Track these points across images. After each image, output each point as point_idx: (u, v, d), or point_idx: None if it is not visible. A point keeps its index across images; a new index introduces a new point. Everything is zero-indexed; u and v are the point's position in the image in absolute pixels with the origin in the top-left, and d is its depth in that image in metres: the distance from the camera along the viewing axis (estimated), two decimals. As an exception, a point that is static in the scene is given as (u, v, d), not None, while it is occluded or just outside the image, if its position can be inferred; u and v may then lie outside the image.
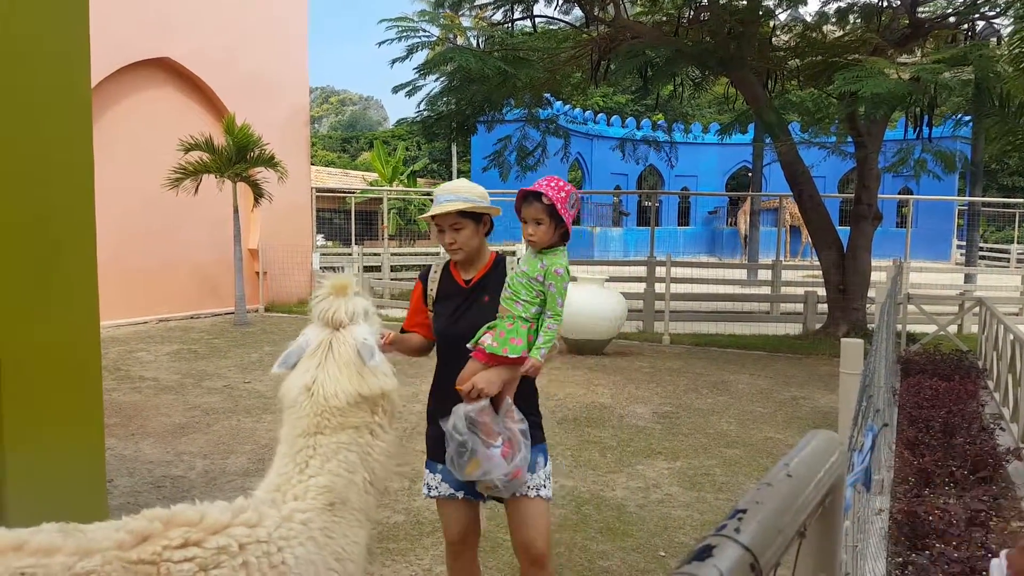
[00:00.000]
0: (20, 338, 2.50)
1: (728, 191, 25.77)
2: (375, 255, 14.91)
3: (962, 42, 8.85)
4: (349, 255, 14.30)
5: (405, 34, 9.47)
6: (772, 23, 9.89)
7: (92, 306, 2.79)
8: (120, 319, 9.88)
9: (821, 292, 10.20)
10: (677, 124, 24.11)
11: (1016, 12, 7.96)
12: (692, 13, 9.53)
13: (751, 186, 19.13)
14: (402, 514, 3.85)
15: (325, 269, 11.39)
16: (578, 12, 10.08)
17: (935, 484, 3.90)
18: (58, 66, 2.65)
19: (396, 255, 15.42)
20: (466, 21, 12.01)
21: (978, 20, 9.23)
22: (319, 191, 14.21)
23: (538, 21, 10.19)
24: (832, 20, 9.95)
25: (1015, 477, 4.13)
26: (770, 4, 9.38)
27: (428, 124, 10.63)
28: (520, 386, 2.22)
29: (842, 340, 2.49)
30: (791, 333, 10.26)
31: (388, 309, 10.27)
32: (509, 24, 10.28)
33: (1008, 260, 19.53)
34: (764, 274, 13.70)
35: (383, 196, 17.45)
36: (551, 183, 2.17)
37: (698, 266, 13.39)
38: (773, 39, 10.07)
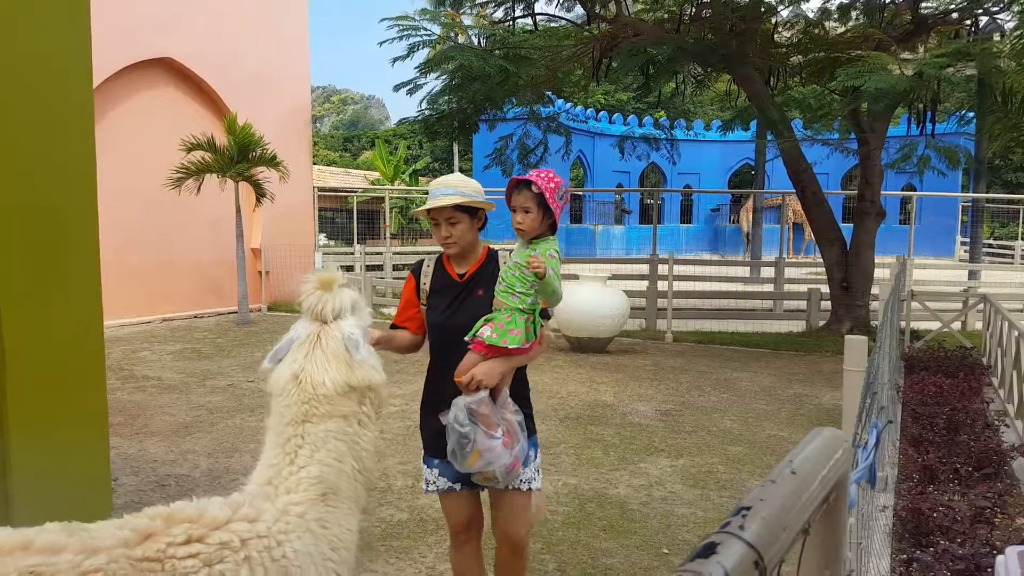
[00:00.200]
0: (25, 337, 2.51)
1: (731, 188, 25.71)
2: (377, 254, 14.93)
3: (965, 38, 8.81)
4: (351, 254, 14.31)
5: (406, 33, 9.46)
6: (774, 20, 9.86)
7: (96, 306, 2.80)
8: (123, 319, 9.90)
9: (824, 289, 10.18)
10: (679, 122, 24.03)
11: (1019, 7, 7.93)
12: (694, 10, 9.50)
13: (754, 183, 19.08)
14: (406, 512, 3.86)
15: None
16: (579, 10, 10.06)
17: (939, 481, 3.89)
18: (60, 66, 2.66)
19: (398, 254, 15.44)
20: (467, 19, 12.00)
21: (981, 15, 9.19)
22: (321, 190, 14.21)
23: (539, 19, 10.17)
24: (834, 16, 9.91)
25: (1020, 474, 4.12)
26: (772, 1, 9.35)
27: (430, 123, 10.62)
28: (511, 381, 2.26)
29: (846, 337, 2.49)
30: (794, 331, 10.24)
31: (390, 308, 10.28)
32: (510, 22, 10.26)
33: (1013, 256, 19.46)
34: (767, 271, 13.67)
35: (385, 195, 17.45)
36: (540, 174, 2.23)
37: (701, 264, 13.36)
38: (775, 36, 10.03)
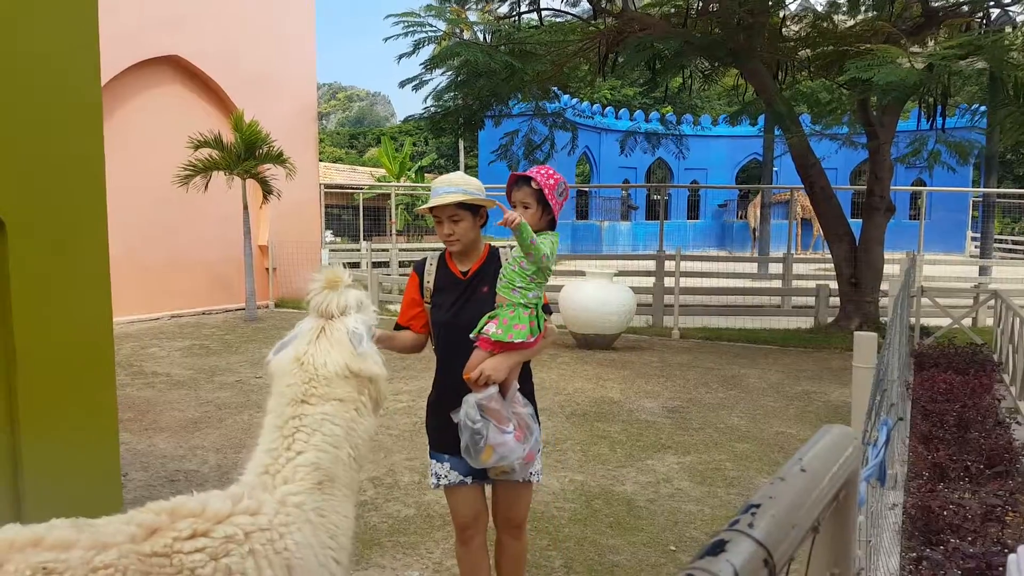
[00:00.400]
0: (35, 335, 2.53)
1: (738, 184, 25.57)
2: (384, 251, 14.96)
3: (976, 31, 8.71)
4: (358, 251, 14.34)
5: (411, 29, 9.46)
6: (782, 13, 9.78)
7: (105, 303, 2.82)
8: (132, 315, 9.97)
9: (833, 285, 10.11)
10: (686, 117, 23.88)
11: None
12: (701, 4, 9.44)
13: (762, 179, 18.97)
14: (412, 508, 3.87)
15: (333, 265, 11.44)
16: (585, 4, 10.04)
17: (950, 479, 3.87)
18: (68, 65, 2.67)
19: (404, 251, 15.45)
20: (472, 15, 11.99)
21: (993, 8, 9.08)
22: (327, 187, 14.25)
23: (545, 14, 10.13)
24: (843, 10, 9.82)
25: (1031, 471, 4.08)
26: (780, -6, 9.28)
27: (435, 119, 10.62)
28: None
29: (855, 333, 2.47)
30: (803, 327, 10.18)
31: (396, 304, 10.29)
32: (515, 17, 10.23)
33: (1024, 252, 19.29)
34: (775, 267, 13.60)
35: (391, 192, 17.48)
36: (540, 170, 2.26)
37: (708, 260, 13.30)
38: (783, 29, 9.96)
